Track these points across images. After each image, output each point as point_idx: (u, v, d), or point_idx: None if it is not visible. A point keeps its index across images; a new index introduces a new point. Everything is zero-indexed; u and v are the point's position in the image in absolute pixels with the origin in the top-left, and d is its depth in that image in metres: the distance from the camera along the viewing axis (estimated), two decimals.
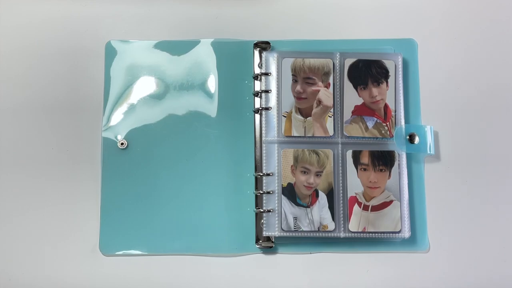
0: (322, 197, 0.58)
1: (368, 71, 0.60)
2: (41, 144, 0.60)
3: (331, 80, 0.59)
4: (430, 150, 0.59)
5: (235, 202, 0.59)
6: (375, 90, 0.59)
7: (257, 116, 0.59)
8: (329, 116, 0.59)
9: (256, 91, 0.60)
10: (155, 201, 0.59)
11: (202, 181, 0.59)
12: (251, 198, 0.59)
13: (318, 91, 0.59)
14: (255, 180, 0.59)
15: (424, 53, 0.62)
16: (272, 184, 0.58)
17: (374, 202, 0.58)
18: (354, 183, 0.58)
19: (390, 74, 0.60)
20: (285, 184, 0.58)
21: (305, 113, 0.59)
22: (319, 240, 0.58)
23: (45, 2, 0.63)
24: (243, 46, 0.61)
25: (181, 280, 0.58)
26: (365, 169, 0.58)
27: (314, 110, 0.59)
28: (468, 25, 0.63)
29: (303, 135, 0.59)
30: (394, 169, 0.58)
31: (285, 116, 0.59)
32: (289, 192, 0.58)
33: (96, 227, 0.59)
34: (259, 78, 0.60)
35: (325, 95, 0.59)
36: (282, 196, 0.58)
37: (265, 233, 0.57)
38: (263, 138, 0.59)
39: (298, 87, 0.59)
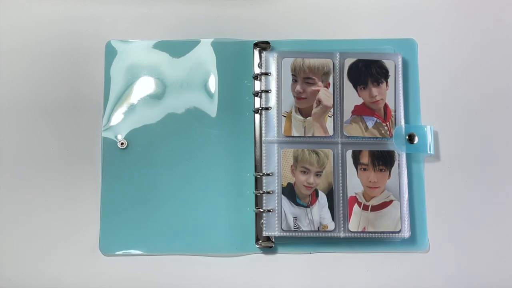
0: (322, 197, 0.58)
1: (368, 71, 0.60)
2: (41, 144, 0.60)
3: (331, 80, 0.59)
4: (429, 150, 0.59)
5: (235, 202, 0.59)
6: (375, 90, 0.59)
7: (257, 116, 0.59)
8: (329, 116, 0.59)
9: (256, 91, 0.60)
10: (155, 201, 0.59)
11: (202, 181, 0.59)
12: (251, 198, 0.59)
13: (318, 91, 0.59)
14: (255, 180, 0.59)
15: (424, 53, 0.62)
16: (272, 184, 0.58)
17: (374, 202, 0.58)
18: (354, 183, 0.58)
19: (390, 74, 0.60)
20: (285, 184, 0.58)
21: (305, 113, 0.59)
22: (319, 240, 0.58)
23: (45, 2, 0.63)
24: (243, 46, 0.61)
25: (181, 280, 0.58)
26: (365, 169, 0.58)
27: (314, 110, 0.59)
28: (468, 25, 0.63)
29: (303, 135, 0.59)
30: (394, 169, 0.58)
31: (285, 116, 0.59)
32: (289, 192, 0.58)
33: (96, 227, 0.59)
34: (259, 78, 0.60)
35: (325, 95, 0.59)
36: (282, 196, 0.58)
37: (265, 233, 0.57)
38: (263, 138, 0.59)
39: (298, 87, 0.59)
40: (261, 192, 0.58)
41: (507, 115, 0.62)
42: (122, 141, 0.60)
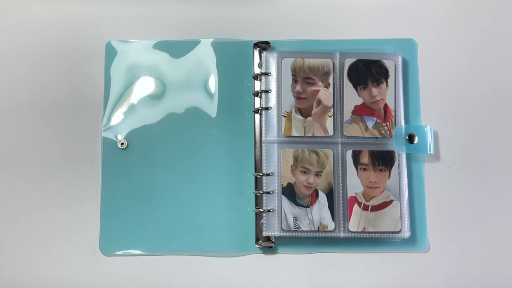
0: (322, 197, 0.58)
1: (368, 71, 0.60)
2: (41, 144, 0.60)
3: (331, 80, 0.59)
4: (429, 150, 0.59)
5: (235, 202, 0.59)
6: (375, 90, 0.59)
7: (257, 116, 0.59)
8: (329, 116, 0.59)
9: (256, 91, 0.60)
10: (155, 201, 0.59)
11: (202, 181, 0.59)
12: (251, 198, 0.59)
13: (318, 91, 0.59)
14: (255, 180, 0.59)
15: (424, 53, 0.62)
16: (272, 184, 0.58)
17: (374, 202, 0.58)
18: (354, 183, 0.58)
19: (390, 74, 0.60)
20: (285, 184, 0.58)
21: (305, 113, 0.59)
22: (319, 240, 0.58)
23: (45, 2, 0.63)
24: (243, 46, 0.61)
25: (181, 280, 0.58)
26: (365, 169, 0.58)
27: (314, 110, 0.59)
28: (468, 25, 0.63)
29: (303, 135, 0.59)
30: (394, 169, 0.58)
31: (285, 116, 0.59)
32: (289, 192, 0.58)
33: (96, 227, 0.59)
34: (259, 78, 0.60)
35: (325, 95, 0.59)
36: (282, 196, 0.58)
37: (265, 233, 0.57)
38: (263, 138, 0.59)
39: (298, 87, 0.59)
40: (261, 192, 0.58)
41: (507, 115, 0.62)
42: (122, 141, 0.60)
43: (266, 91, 0.59)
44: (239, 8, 0.63)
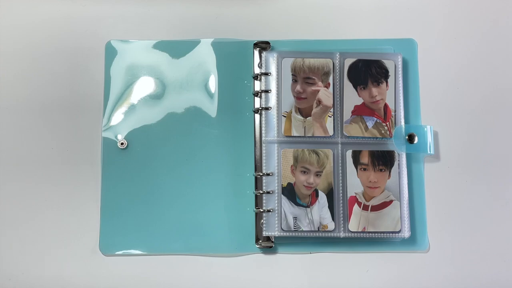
0: (322, 197, 0.58)
1: (368, 71, 0.60)
2: (41, 144, 0.60)
3: (331, 80, 0.59)
4: (429, 150, 0.59)
5: (235, 202, 0.59)
6: (375, 90, 0.59)
7: (257, 116, 0.59)
8: (329, 116, 0.59)
9: (256, 91, 0.60)
10: (155, 200, 0.59)
11: (202, 181, 0.59)
12: (251, 198, 0.59)
13: (318, 91, 0.59)
14: (255, 180, 0.59)
15: (424, 53, 0.62)
16: (272, 184, 0.58)
17: (374, 202, 0.58)
18: (354, 183, 0.58)
19: (390, 74, 0.60)
20: (285, 184, 0.58)
21: (305, 113, 0.59)
22: (319, 240, 0.59)
23: (45, 2, 0.63)
24: (243, 46, 0.61)
25: (181, 280, 0.58)
26: (365, 169, 0.58)
27: (314, 110, 0.59)
28: (468, 25, 0.63)
29: (303, 135, 0.59)
30: (394, 169, 0.58)
31: (285, 116, 0.59)
32: (289, 192, 0.58)
33: (96, 227, 0.59)
34: (259, 78, 0.60)
35: (325, 95, 0.59)
36: (282, 196, 0.58)
37: (265, 233, 0.57)
38: (263, 138, 0.59)
39: (298, 87, 0.59)
40: (261, 192, 0.58)
41: (507, 115, 0.62)
42: (122, 141, 0.60)
43: (266, 91, 0.59)
44: (239, 8, 0.63)
